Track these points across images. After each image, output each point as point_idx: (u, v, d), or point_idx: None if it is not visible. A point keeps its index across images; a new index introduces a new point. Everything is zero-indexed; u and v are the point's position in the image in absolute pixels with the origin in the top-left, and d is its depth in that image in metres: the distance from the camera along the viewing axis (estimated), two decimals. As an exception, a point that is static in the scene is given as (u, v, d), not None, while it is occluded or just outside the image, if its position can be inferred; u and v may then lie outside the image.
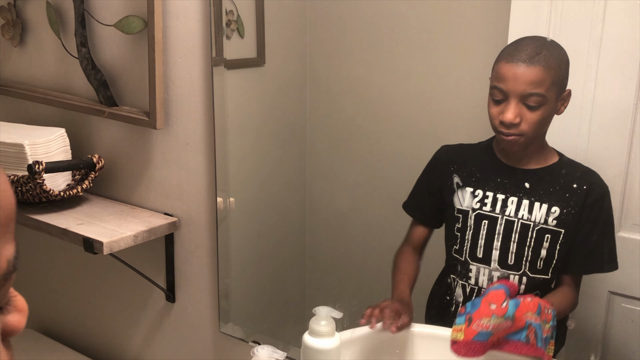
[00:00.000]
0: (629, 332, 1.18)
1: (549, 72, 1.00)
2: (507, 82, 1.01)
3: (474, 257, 1.10)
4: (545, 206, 1.05)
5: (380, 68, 1.51)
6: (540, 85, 0.99)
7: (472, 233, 1.10)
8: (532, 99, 1.00)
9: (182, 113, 1.36)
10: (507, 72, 1.01)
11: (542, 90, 0.99)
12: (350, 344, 1.06)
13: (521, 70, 1.00)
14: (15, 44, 1.60)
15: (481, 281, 1.10)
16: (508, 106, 1.01)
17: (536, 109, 1.01)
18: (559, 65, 1.02)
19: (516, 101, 1.00)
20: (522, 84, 1.00)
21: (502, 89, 1.01)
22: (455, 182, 1.12)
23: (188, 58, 1.32)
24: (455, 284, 1.14)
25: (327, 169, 1.65)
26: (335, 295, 1.45)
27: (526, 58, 1.00)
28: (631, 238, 1.15)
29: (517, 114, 1.01)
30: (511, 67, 1.01)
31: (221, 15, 1.29)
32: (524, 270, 1.07)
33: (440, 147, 1.18)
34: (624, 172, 1.14)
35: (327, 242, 1.68)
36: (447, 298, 1.16)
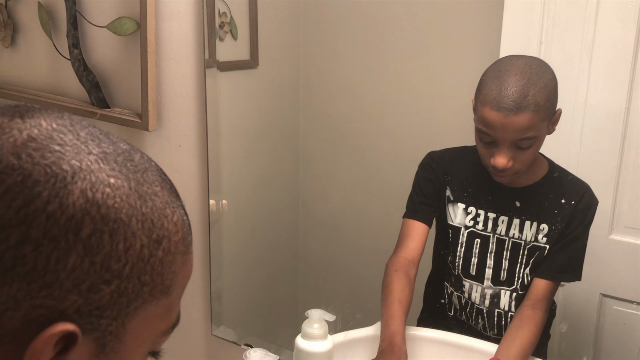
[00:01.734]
0: (620, 334, 1.18)
1: (539, 113, 0.93)
2: (495, 130, 0.94)
3: (467, 274, 1.09)
4: (535, 224, 1.04)
5: (373, 70, 1.51)
6: (531, 129, 0.93)
7: (464, 251, 1.09)
8: (524, 143, 0.95)
9: (175, 115, 1.36)
10: (494, 120, 0.94)
11: (534, 133, 0.94)
12: (342, 346, 1.06)
13: (509, 119, 0.92)
14: (7, 45, 1.59)
15: (474, 297, 1.10)
16: (499, 151, 0.96)
17: (528, 149, 0.96)
18: (547, 99, 0.94)
19: (507, 146, 0.95)
20: (511, 132, 0.93)
21: (490, 135, 0.96)
22: (447, 196, 1.10)
23: (181, 60, 1.32)
24: (450, 292, 1.13)
25: (320, 171, 1.65)
26: (328, 298, 1.45)
27: (513, 106, 0.92)
28: (623, 241, 1.16)
29: (509, 157, 0.96)
30: (497, 115, 0.93)
31: (214, 17, 1.29)
32: (515, 287, 1.07)
33: (429, 153, 1.14)
34: (615, 175, 1.15)
35: (320, 244, 1.68)
36: (442, 301, 1.15)
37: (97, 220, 0.36)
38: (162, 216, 0.40)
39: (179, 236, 0.42)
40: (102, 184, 0.37)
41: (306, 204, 1.67)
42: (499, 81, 0.94)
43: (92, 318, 0.37)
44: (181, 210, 0.43)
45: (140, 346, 0.41)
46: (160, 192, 0.41)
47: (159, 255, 0.40)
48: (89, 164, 0.37)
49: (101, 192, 0.37)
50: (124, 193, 0.38)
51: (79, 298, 0.36)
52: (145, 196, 0.39)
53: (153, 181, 0.41)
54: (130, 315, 0.39)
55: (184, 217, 0.44)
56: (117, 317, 0.38)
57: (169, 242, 0.40)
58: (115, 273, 0.37)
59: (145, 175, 0.40)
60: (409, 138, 1.48)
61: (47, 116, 0.38)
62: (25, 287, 0.34)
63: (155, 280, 0.40)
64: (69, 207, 0.35)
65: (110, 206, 0.37)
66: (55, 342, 0.35)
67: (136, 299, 0.39)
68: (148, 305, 0.40)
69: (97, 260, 0.36)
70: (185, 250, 0.43)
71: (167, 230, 0.40)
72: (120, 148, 0.41)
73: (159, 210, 0.40)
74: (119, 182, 0.38)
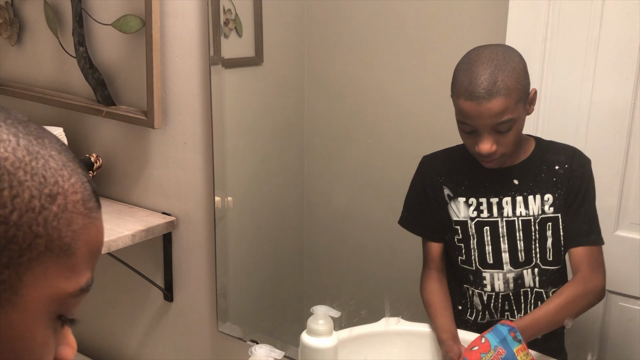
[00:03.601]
0: (626, 330, 1.18)
1: (511, 95, 0.97)
2: (472, 119, 0.99)
3: (485, 264, 1.10)
4: (538, 197, 1.06)
5: (378, 67, 1.51)
6: (506, 112, 0.98)
7: (476, 242, 1.09)
8: (502, 126, 0.99)
9: (180, 112, 1.36)
10: (469, 110, 0.99)
11: (510, 116, 0.98)
12: (348, 343, 1.06)
13: (483, 106, 0.97)
14: (13, 43, 1.60)
15: (497, 286, 1.10)
16: (481, 138, 1.00)
17: (509, 131, 1.00)
18: (517, 81, 0.99)
19: (488, 132, 0.99)
20: (488, 118, 0.98)
21: (470, 124, 1.00)
22: (446, 194, 1.11)
23: (186, 57, 1.32)
24: (471, 292, 1.13)
25: (325, 168, 1.65)
26: (333, 294, 1.45)
27: (485, 93, 0.96)
28: (629, 237, 1.16)
29: (492, 142, 1.00)
30: (472, 104, 0.98)
31: (219, 14, 1.29)
32: (535, 262, 1.08)
33: (422, 159, 1.16)
34: (621, 172, 1.14)
35: (325, 241, 1.68)
36: (462, 306, 1.15)
37: None
38: (56, 175, 0.40)
39: (77, 197, 0.41)
40: None
41: (311, 200, 1.67)
42: (469, 72, 1.00)
43: None
44: (82, 177, 0.43)
45: (43, 303, 0.40)
46: (57, 155, 0.41)
47: (54, 210, 0.39)
48: None
49: None
50: (9, 145, 0.38)
51: None
52: (37, 154, 0.39)
53: (50, 146, 0.41)
54: (24, 265, 0.38)
55: (85, 182, 0.43)
56: (8, 265, 0.37)
57: (65, 199, 0.40)
58: (1, 218, 0.37)
59: (40, 140, 0.40)
60: (413, 135, 1.48)
61: None
62: None
63: (52, 234, 0.39)
64: None
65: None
66: None
67: (29, 249, 0.38)
68: (46, 259, 0.39)
69: None
70: (87, 214, 0.42)
71: (63, 188, 0.40)
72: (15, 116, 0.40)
73: (53, 169, 0.40)
74: (4, 136, 0.38)
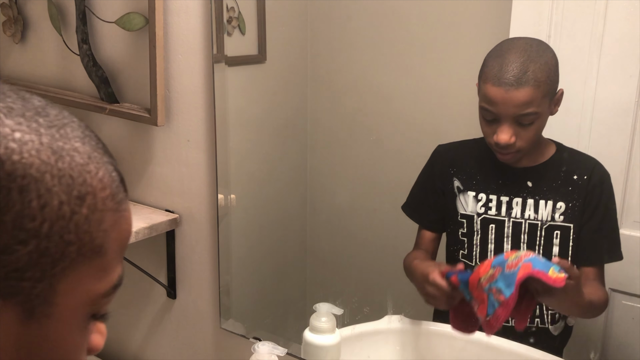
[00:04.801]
0: (629, 329, 1.18)
1: (539, 88, 0.96)
2: (497, 106, 0.98)
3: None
4: (550, 203, 1.04)
5: (381, 65, 1.51)
6: (531, 104, 0.96)
7: (480, 238, 1.09)
8: (525, 119, 0.97)
9: (183, 110, 1.36)
10: (495, 96, 0.97)
11: (535, 109, 0.97)
12: (350, 340, 1.06)
13: (510, 94, 0.96)
14: (17, 41, 1.60)
15: None
16: (501, 127, 0.98)
17: (530, 125, 0.98)
18: (548, 76, 0.98)
19: (509, 122, 0.98)
20: (512, 107, 0.96)
21: (493, 112, 0.99)
22: (456, 186, 1.10)
23: (189, 55, 1.32)
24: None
25: (328, 166, 1.65)
26: (336, 291, 1.46)
27: (514, 80, 0.96)
28: (632, 235, 1.15)
29: (512, 134, 0.98)
30: (499, 91, 0.97)
31: (222, 11, 1.29)
32: None
33: (437, 147, 1.16)
34: (625, 170, 1.14)
35: (328, 238, 1.68)
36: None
37: (2, 177, 0.34)
38: (83, 172, 0.38)
39: (106, 192, 0.39)
40: (5, 139, 0.34)
41: (314, 198, 1.67)
42: (500, 59, 0.99)
43: (10, 281, 0.35)
44: (109, 167, 0.41)
45: (77, 308, 0.39)
46: (81, 147, 0.38)
47: (84, 213, 0.38)
48: None
49: (4, 147, 0.34)
50: (33, 148, 0.35)
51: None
52: (62, 152, 0.37)
53: (72, 137, 0.38)
54: (57, 276, 0.37)
55: (113, 172, 0.41)
56: (41, 279, 0.36)
57: (95, 198, 0.38)
58: (31, 232, 0.35)
59: (62, 131, 0.38)
60: (417, 133, 1.48)
61: None
62: None
63: (83, 239, 0.38)
64: None
65: (16, 162, 0.34)
66: None
67: (62, 259, 0.37)
68: (78, 265, 0.38)
69: (6, 219, 0.34)
70: (117, 208, 0.40)
71: (91, 186, 0.38)
72: (33, 104, 0.38)
73: (80, 166, 0.38)
74: (26, 136, 0.35)
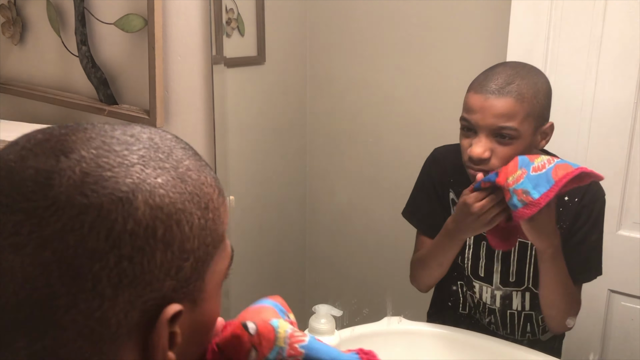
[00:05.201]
0: (628, 330, 1.18)
1: (522, 103, 0.90)
2: (474, 115, 0.92)
3: (477, 275, 1.09)
4: None
5: (380, 67, 1.51)
6: (511, 118, 0.90)
7: (472, 253, 1.08)
8: (503, 133, 0.91)
9: (182, 111, 1.36)
10: (474, 104, 0.92)
11: (514, 124, 0.90)
12: (349, 342, 1.06)
13: (490, 102, 0.90)
14: (16, 42, 1.60)
15: (485, 298, 1.09)
16: (476, 140, 0.92)
17: (508, 144, 0.91)
18: (534, 95, 0.91)
19: (485, 134, 0.92)
20: (490, 117, 0.90)
21: (470, 121, 0.93)
22: (451, 198, 1.09)
23: (188, 56, 1.32)
24: (465, 290, 1.13)
25: (327, 167, 1.65)
26: (335, 293, 1.46)
27: (495, 89, 0.90)
28: (631, 236, 1.16)
29: (487, 148, 0.92)
30: (479, 98, 0.91)
31: (221, 13, 1.29)
32: (526, 286, 1.06)
33: (434, 152, 1.12)
34: (624, 171, 1.14)
35: (327, 240, 1.68)
36: (454, 299, 1.15)
37: (164, 219, 0.43)
38: (200, 185, 0.46)
39: (217, 192, 0.48)
40: (155, 188, 0.43)
41: (313, 200, 1.67)
42: (489, 71, 0.95)
43: (183, 289, 0.44)
44: (207, 169, 0.49)
45: (216, 285, 0.49)
46: (190, 164, 0.47)
47: (211, 217, 0.46)
48: (139, 176, 0.43)
49: (158, 195, 0.43)
50: (172, 186, 0.44)
51: (172, 281, 0.43)
52: (184, 176, 0.45)
53: (181, 158, 0.47)
54: (206, 270, 0.46)
55: (212, 172, 0.50)
56: (198, 278, 0.46)
57: (213, 202, 0.47)
58: (189, 251, 0.44)
59: (173, 157, 0.46)
60: (415, 135, 1.48)
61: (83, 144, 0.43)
62: (134, 291, 0.41)
63: (214, 236, 0.47)
64: (142, 220, 0.42)
65: (169, 203, 0.43)
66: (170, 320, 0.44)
67: (207, 258, 0.46)
68: (214, 256, 0.47)
69: (174, 249, 0.43)
70: (223, 199, 0.49)
71: (208, 194, 0.47)
72: (144, 141, 0.46)
73: (197, 181, 0.46)
74: (164, 178, 0.44)
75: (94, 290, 0.40)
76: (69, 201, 0.40)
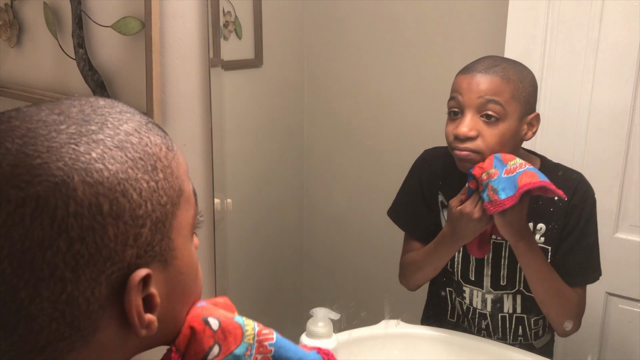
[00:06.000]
0: (626, 333, 1.18)
1: (508, 83, 0.94)
2: (462, 93, 0.95)
3: (467, 279, 1.09)
4: (531, 224, 1.01)
5: (378, 69, 1.51)
6: (497, 93, 0.93)
7: (461, 257, 1.08)
8: (489, 108, 0.93)
9: (180, 114, 1.36)
10: (461, 82, 0.96)
11: (500, 99, 0.93)
12: (347, 345, 1.06)
13: (476, 79, 0.94)
14: (12, 45, 1.60)
15: (475, 303, 1.09)
16: (463, 119, 0.95)
17: (494, 123, 0.94)
18: (520, 80, 0.95)
19: (472, 113, 0.95)
20: (477, 91, 0.94)
21: (458, 100, 0.96)
22: (440, 201, 1.09)
23: (185, 59, 1.32)
24: (454, 297, 1.13)
25: (324, 170, 1.65)
26: (333, 296, 1.45)
27: (482, 69, 0.95)
28: (628, 239, 1.16)
29: (473, 127, 0.94)
30: (466, 77, 0.96)
31: (219, 16, 1.29)
32: (518, 289, 1.06)
33: (423, 153, 1.13)
34: (621, 174, 1.14)
35: (324, 243, 1.68)
36: (444, 305, 1.15)
37: (107, 193, 0.41)
38: (144, 148, 0.45)
39: (163, 149, 0.46)
40: (90, 164, 0.41)
41: (311, 202, 1.67)
42: (476, 60, 0.99)
43: (148, 253, 0.44)
44: (150, 126, 0.47)
45: (184, 238, 0.48)
46: (128, 128, 0.45)
47: (161, 177, 0.45)
48: (70, 156, 0.41)
49: (95, 171, 0.41)
50: (110, 157, 0.42)
51: (132, 250, 0.43)
52: (123, 144, 0.44)
53: (117, 124, 0.45)
54: (169, 229, 0.46)
55: (156, 128, 0.48)
56: (162, 238, 0.45)
57: (161, 161, 0.46)
58: (143, 216, 0.43)
59: (108, 125, 0.44)
60: (413, 136, 1.48)
61: (7, 135, 0.42)
62: (94, 268, 0.41)
63: (170, 193, 0.46)
64: (84, 199, 0.41)
65: (109, 176, 0.42)
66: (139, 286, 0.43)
67: (166, 217, 0.45)
68: (176, 212, 0.47)
69: (126, 219, 0.42)
70: (174, 154, 0.48)
71: (154, 154, 0.45)
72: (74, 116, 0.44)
73: (138, 144, 0.44)
74: (99, 151, 0.42)
75: (52, 276, 0.40)
76: (3, 196, 0.39)
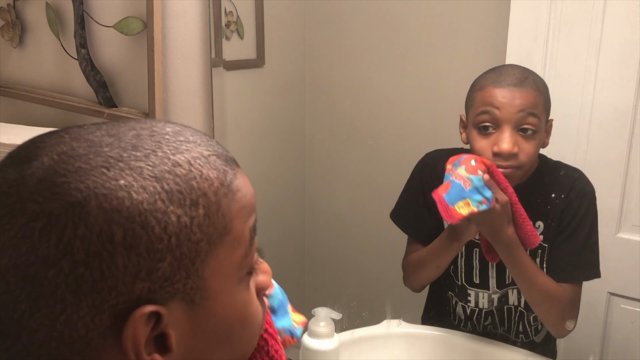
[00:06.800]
0: (628, 333, 1.18)
1: (541, 96, 0.94)
2: (499, 108, 0.92)
3: (471, 283, 1.08)
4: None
5: (379, 69, 1.51)
6: (534, 106, 0.92)
7: (464, 260, 1.07)
8: (528, 122, 0.92)
9: (181, 114, 1.36)
10: (497, 96, 0.93)
11: (537, 112, 0.92)
12: (349, 345, 1.06)
13: (514, 93, 0.92)
14: (15, 45, 1.60)
15: (482, 304, 1.09)
16: (502, 135, 0.92)
17: (531, 138, 0.93)
18: (546, 90, 0.96)
19: (511, 128, 0.92)
20: (517, 107, 0.92)
21: (494, 114, 0.93)
22: None
23: (187, 59, 1.32)
24: (455, 302, 1.12)
25: (326, 170, 1.65)
26: (335, 296, 1.45)
27: (517, 82, 0.93)
28: (630, 239, 1.15)
29: (514, 142, 0.92)
30: (501, 91, 0.92)
31: (220, 16, 1.29)
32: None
33: (424, 157, 1.12)
34: (623, 173, 1.14)
35: (326, 243, 1.68)
36: (447, 309, 1.14)
37: (123, 222, 0.40)
38: (190, 180, 0.43)
39: (215, 185, 0.44)
40: (113, 190, 0.40)
41: (312, 202, 1.67)
42: (496, 70, 0.97)
43: (165, 289, 0.42)
44: (212, 158, 0.45)
45: (228, 279, 0.45)
46: (181, 158, 0.43)
47: (201, 213, 0.43)
48: (95, 179, 0.40)
49: (115, 198, 0.40)
50: (140, 186, 0.41)
51: (144, 283, 0.41)
52: (164, 174, 0.42)
53: (170, 153, 0.43)
54: (200, 268, 0.43)
55: (216, 160, 0.45)
56: (188, 276, 0.42)
57: (207, 197, 0.43)
58: (163, 250, 0.41)
59: (158, 154, 0.42)
60: (415, 136, 1.48)
61: (49, 150, 0.42)
62: (97, 296, 0.40)
63: (209, 232, 0.43)
64: (95, 225, 0.39)
65: (130, 205, 0.40)
66: (145, 322, 0.41)
67: (197, 255, 0.43)
68: (213, 252, 0.44)
69: (141, 251, 0.40)
70: (228, 189, 0.45)
71: (200, 189, 0.43)
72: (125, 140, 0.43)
73: (184, 176, 0.42)
74: (129, 179, 0.41)
75: (53, 295, 0.39)
76: (21, 209, 0.40)
